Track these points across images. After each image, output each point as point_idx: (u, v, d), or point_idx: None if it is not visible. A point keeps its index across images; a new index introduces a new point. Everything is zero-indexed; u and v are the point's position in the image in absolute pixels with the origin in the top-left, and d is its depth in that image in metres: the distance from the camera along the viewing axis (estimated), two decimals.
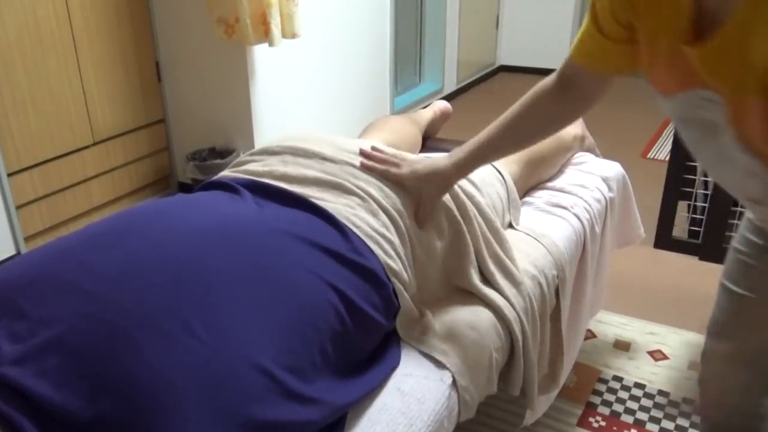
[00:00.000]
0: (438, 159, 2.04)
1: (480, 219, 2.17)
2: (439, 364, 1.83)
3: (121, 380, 1.32)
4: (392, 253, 1.90)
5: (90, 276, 1.48)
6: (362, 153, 2.10)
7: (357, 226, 1.87)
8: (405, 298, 1.88)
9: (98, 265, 1.51)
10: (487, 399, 2.00)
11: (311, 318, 1.60)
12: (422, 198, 2.03)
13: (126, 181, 4.51)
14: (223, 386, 1.38)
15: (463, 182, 2.21)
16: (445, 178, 2.03)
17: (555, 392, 2.46)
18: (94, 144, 4.21)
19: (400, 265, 1.91)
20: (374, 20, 5.94)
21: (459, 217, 2.11)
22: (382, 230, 1.92)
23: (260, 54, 4.54)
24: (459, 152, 2.00)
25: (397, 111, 6.55)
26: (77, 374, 1.32)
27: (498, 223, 2.23)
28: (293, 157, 2.10)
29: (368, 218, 1.93)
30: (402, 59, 7.09)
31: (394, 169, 2.05)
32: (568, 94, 1.83)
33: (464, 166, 2.01)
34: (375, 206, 1.96)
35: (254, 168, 2.09)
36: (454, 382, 1.81)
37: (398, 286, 1.86)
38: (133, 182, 4.57)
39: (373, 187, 2.01)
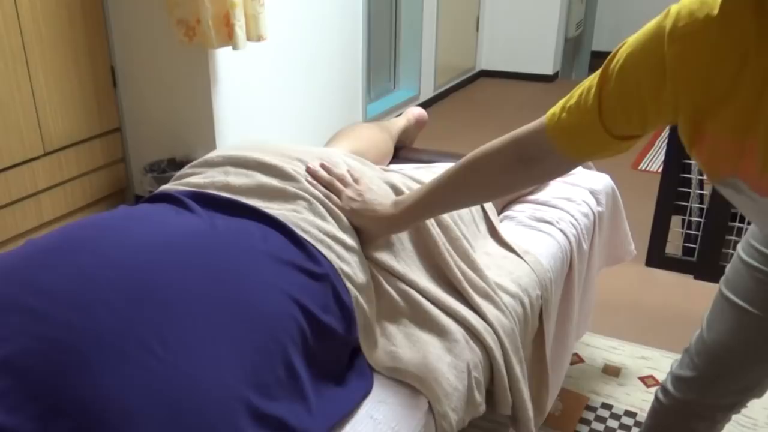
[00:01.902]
0: (384, 203, 2.04)
1: (437, 228, 2.18)
2: (415, 390, 1.83)
3: (74, 403, 1.32)
4: (345, 255, 1.93)
5: (39, 295, 1.47)
6: (308, 171, 2.13)
7: (306, 232, 1.90)
8: (360, 303, 1.90)
9: (47, 283, 1.51)
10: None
11: (272, 330, 1.61)
12: (363, 231, 2.06)
13: (79, 195, 4.48)
14: (183, 408, 1.38)
15: (413, 185, 2.26)
16: (382, 228, 2.05)
17: (540, 423, 2.46)
18: (45, 154, 4.17)
19: (355, 267, 1.93)
20: (346, 22, 5.95)
21: (416, 232, 2.15)
22: (333, 231, 1.96)
23: (223, 58, 4.53)
24: (401, 204, 1.99)
25: (370, 119, 6.56)
26: (29, 397, 1.32)
27: (458, 233, 2.23)
28: (234, 168, 2.12)
29: (317, 221, 1.95)
30: (375, 63, 7.10)
31: (336, 198, 2.07)
32: (527, 167, 1.73)
33: (402, 223, 2.03)
34: (321, 208, 2.00)
35: (196, 180, 2.11)
36: (430, 408, 1.81)
37: (353, 291, 1.88)
38: (86, 195, 4.54)
39: (317, 188, 2.06)
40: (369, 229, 2.04)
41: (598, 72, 1.53)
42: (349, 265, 1.91)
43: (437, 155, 3.11)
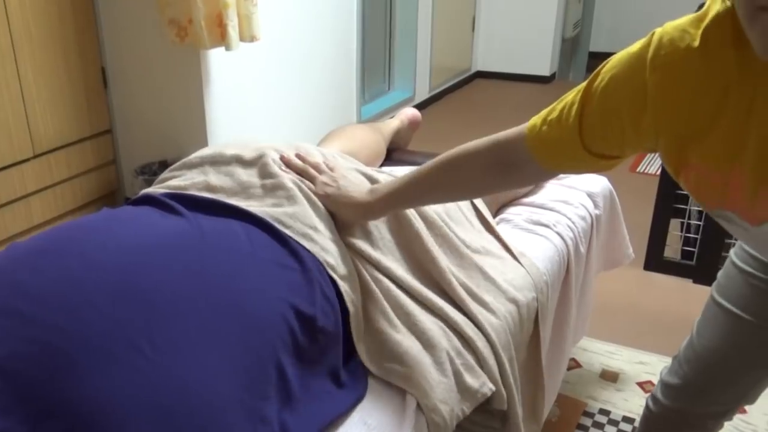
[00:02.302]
0: (359, 190, 2.05)
1: (421, 223, 2.18)
2: (405, 392, 1.84)
3: (64, 406, 1.33)
4: (327, 245, 1.94)
5: (26, 298, 1.48)
6: (281, 159, 2.14)
7: (289, 227, 1.91)
8: (348, 292, 1.90)
9: (34, 286, 1.51)
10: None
11: (261, 331, 1.62)
12: (336, 218, 2.07)
13: (69, 197, 4.48)
14: (173, 409, 1.38)
15: (387, 177, 2.25)
16: (357, 214, 2.06)
17: (537, 430, 2.45)
18: (35, 157, 4.16)
19: (338, 257, 1.95)
20: (340, 22, 5.95)
21: (396, 223, 2.16)
22: (314, 222, 1.97)
23: (216, 58, 4.53)
24: (377, 192, 2.00)
25: (364, 120, 6.56)
26: (18, 400, 1.33)
27: (446, 229, 2.24)
28: (212, 167, 2.14)
29: (297, 212, 1.97)
30: (370, 64, 7.11)
31: (309, 184, 2.08)
32: (506, 172, 1.76)
33: (377, 210, 2.03)
34: (300, 195, 2.02)
35: (176, 183, 2.12)
36: (419, 405, 1.82)
37: (339, 281, 1.89)
38: (77, 198, 4.54)
39: (293, 174, 2.09)
40: (344, 215, 2.05)
41: (582, 88, 1.53)
42: (332, 255, 1.93)
43: (432, 157, 3.10)
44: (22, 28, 3.93)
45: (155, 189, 2.13)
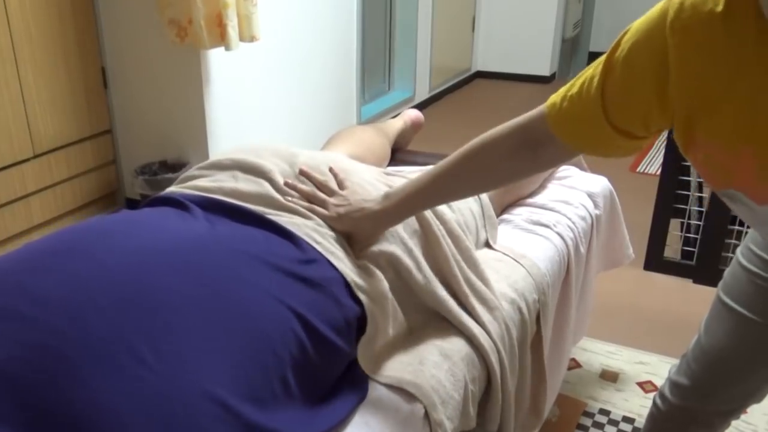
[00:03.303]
0: (371, 200, 2.00)
1: (448, 238, 2.16)
2: (411, 397, 1.81)
3: (63, 411, 1.32)
4: (357, 267, 1.91)
5: (29, 300, 1.47)
6: (286, 185, 2.08)
7: (318, 243, 1.87)
8: (374, 314, 1.87)
9: (38, 288, 1.50)
10: None
11: (270, 344, 1.59)
12: (354, 237, 2.02)
13: (69, 198, 4.49)
14: (174, 419, 1.37)
15: (399, 180, 2.24)
16: (375, 224, 2.01)
17: (538, 427, 2.46)
18: (35, 157, 4.18)
19: (365, 278, 1.91)
20: (340, 22, 5.96)
21: (422, 238, 2.13)
22: (344, 243, 1.94)
23: (216, 59, 4.54)
24: (393, 197, 1.95)
25: (364, 120, 6.56)
26: (18, 405, 1.31)
27: (468, 242, 2.22)
28: (243, 174, 2.09)
29: (328, 232, 1.94)
30: (370, 64, 7.11)
31: (319, 209, 2.02)
32: (532, 155, 1.72)
33: (395, 215, 1.98)
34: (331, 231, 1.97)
35: (203, 184, 2.08)
36: (426, 415, 1.80)
37: (367, 302, 1.85)
38: (77, 198, 4.55)
39: (297, 203, 2.03)
40: (360, 229, 2.00)
41: (602, 60, 1.50)
42: (362, 277, 1.89)
43: (433, 157, 3.11)
44: (22, 28, 3.94)
45: (179, 188, 2.10)
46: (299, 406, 1.63)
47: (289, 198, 2.04)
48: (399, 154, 3.22)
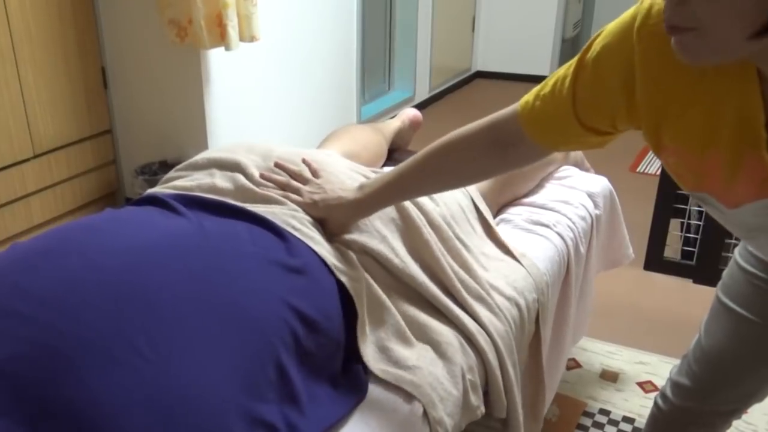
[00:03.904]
0: (347, 189, 2.04)
1: (429, 227, 2.18)
2: (410, 396, 1.82)
3: (63, 408, 1.33)
4: (335, 249, 1.95)
5: (26, 299, 1.48)
6: (262, 176, 2.13)
7: (296, 229, 1.91)
8: (360, 296, 1.90)
9: (33, 287, 1.51)
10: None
11: (262, 333, 1.61)
12: (328, 224, 2.05)
13: (69, 197, 4.48)
14: (171, 411, 1.38)
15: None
16: (349, 213, 2.04)
17: (537, 429, 2.45)
18: (35, 157, 4.17)
19: (345, 262, 1.94)
20: (340, 22, 5.95)
21: (402, 227, 2.15)
22: (320, 227, 1.99)
23: (216, 59, 4.53)
24: (367, 188, 1.99)
25: (364, 120, 6.56)
26: (18, 401, 1.32)
27: (450, 233, 2.23)
28: (220, 170, 2.14)
29: (304, 216, 1.98)
30: (370, 64, 7.11)
31: (294, 196, 2.06)
32: (502, 152, 1.75)
33: (368, 206, 2.02)
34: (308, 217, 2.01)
35: (181, 183, 2.13)
36: (425, 414, 1.80)
37: (348, 283, 1.88)
38: (77, 198, 4.54)
39: (271, 191, 2.08)
40: (334, 217, 2.03)
41: (574, 61, 1.53)
42: (340, 259, 1.92)
43: None
44: (22, 28, 3.93)
45: (160, 189, 2.13)
46: (297, 398, 1.64)
47: (264, 187, 2.08)
48: (398, 153, 3.22)
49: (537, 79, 7.17)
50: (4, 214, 4.03)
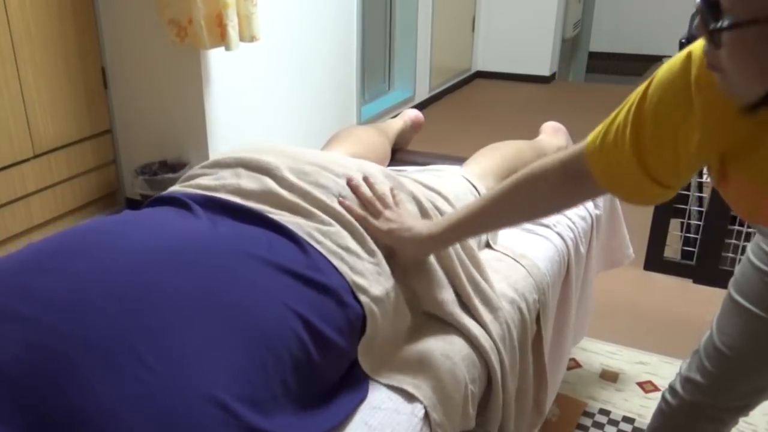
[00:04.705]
0: (420, 222, 2.03)
1: None
2: (411, 397, 1.81)
3: (64, 413, 1.32)
4: (359, 266, 1.90)
5: (30, 301, 1.47)
6: (349, 184, 2.09)
7: (320, 242, 1.87)
8: (375, 316, 1.86)
9: (39, 289, 1.50)
10: None
11: (271, 346, 1.58)
12: (399, 254, 2.04)
13: (69, 198, 4.48)
14: (175, 421, 1.36)
15: (435, 197, 2.25)
16: (421, 247, 2.03)
17: (539, 425, 2.45)
18: (35, 157, 4.18)
19: (371, 279, 1.89)
20: (340, 22, 5.96)
21: None
22: (347, 243, 1.93)
23: (216, 59, 4.53)
24: (442, 223, 1.99)
25: (364, 120, 6.56)
26: (19, 406, 1.31)
27: (472, 242, 2.22)
28: (246, 171, 2.09)
29: (331, 231, 1.93)
30: (370, 64, 7.12)
31: (372, 221, 2.02)
32: (575, 187, 1.74)
33: (441, 242, 2.02)
34: (334, 218, 1.98)
35: (206, 182, 2.08)
36: (426, 416, 1.79)
37: (367, 303, 1.84)
38: (77, 198, 4.54)
39: (352, 212, 2.02)
40: (404, 248, 2.02)
41: (632, 108, 1.51)
42: (363, 276, 1.88)
43: (433, 157, 3.11)
44: (22, 29, 3.93)
45: (182, 188, 2.10)
46: (299, 406, 1.63)
47: (343, 200, 2.04)
48: (399, 154, 3.22)
49: (537, 79, 7.19)
50: (4, 214, 4.03)
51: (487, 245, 2.45)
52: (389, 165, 3.01)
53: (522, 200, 1.84)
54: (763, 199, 1.41)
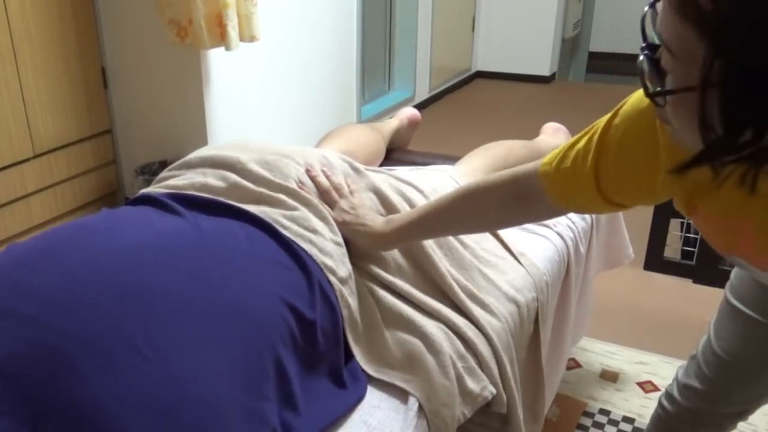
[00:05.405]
0: (376, 219, 2.07)
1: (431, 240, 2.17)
2: (405, 392, 1.83)
3: (63, 407, 1.33)
4: (326, 247, 1.95)
5: (26, 299, 1.48)
6: (307, 172, 2.16)
7: (286, 228, 1.92)
8: (345, 296, 1.90)
9: (34, 287, 1.51)
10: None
11: (261, 331, 1.62)
12: (351, 245, 2.07)
13: (69, 197, 4.48)
14: (171, 410, 1.38)
15: (407, 189, 2.30)
16: (371, 243, 2.07)
17: (537, 429, 2.45)
18: (35, 157, 4.17)
19: (337, 260, 1.95)
20: (340, 22, 5.95)
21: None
22: (312, 224, 1.98)
23: (216, 59, 4.53)
24: (395, 222, 2.02)
25: (364, 120, 6.56)
26: (18, 401, 1.32)
27: (454, 242, 2.23)
28: (212, 169, 2.14)
29: (295, 215, 1.99)
30: (370, 64, 7.12)
31: (329, 210, 2.09)
32: (523, 205, 1.77)
33: (392, 241, 2.05)
34: (300, 201, 2.04)
35: (175, 182, 2.12)
36: (420, 408, 1.81)
37: (336, 284, 1.89)
38: (77, 198, 4.54)
39: (311, 194, 2.09)
40: (359, 244, 2.06)
41: (595, 137, 1.52)
42: (331, 257, 1.93)
43: (432, 157, 3.11)
44: (22, 29, 3.93)
45: (154, 189, 2.13)
46: (296, 397, 1.65)
47: (302, 186, 2.10)
48: (398, 153, 3.22)
49: (537, 79, 7.17)
50: (4, 214, 4.03)
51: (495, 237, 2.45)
52: (384, 164, 3.01)
53: (470, 211, 1.88)
54: (735, 233, 1.42)
